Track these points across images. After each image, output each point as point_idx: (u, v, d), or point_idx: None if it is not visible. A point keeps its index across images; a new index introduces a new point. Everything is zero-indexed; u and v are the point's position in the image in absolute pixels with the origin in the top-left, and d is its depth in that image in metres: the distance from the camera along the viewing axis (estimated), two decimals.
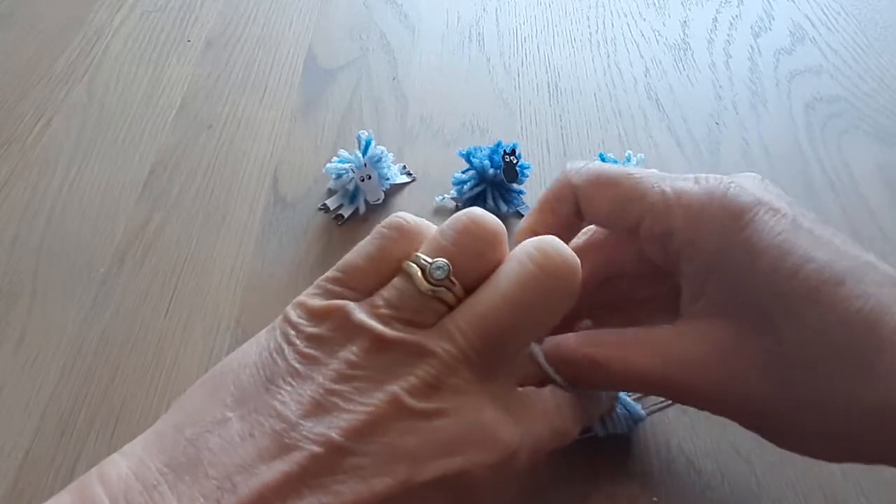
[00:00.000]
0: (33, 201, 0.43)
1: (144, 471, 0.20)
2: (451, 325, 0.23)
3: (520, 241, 0.25)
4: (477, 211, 0.24)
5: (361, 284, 0.24)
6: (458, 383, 0.22)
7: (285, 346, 0.22)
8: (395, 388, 0.21)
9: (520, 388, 0.26)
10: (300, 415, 0.21)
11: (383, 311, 0.23)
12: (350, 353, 0.22)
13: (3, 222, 0.41)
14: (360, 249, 0.25)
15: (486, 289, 0.24)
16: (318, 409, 0.21)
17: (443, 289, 0.23)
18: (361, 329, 0.22)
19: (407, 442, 0.21)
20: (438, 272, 0.23)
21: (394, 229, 0.25)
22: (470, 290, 0.24)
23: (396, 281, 0.24)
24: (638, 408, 0.32)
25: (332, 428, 0.20)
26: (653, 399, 0.33)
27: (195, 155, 0.45)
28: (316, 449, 0.20)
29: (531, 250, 0.24)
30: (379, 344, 0.22)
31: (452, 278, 0.23)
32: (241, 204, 0.43)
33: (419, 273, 0.23)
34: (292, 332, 0.23)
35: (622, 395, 0.33)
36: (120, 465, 0.20)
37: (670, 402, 0.33)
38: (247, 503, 0.19)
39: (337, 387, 0.21)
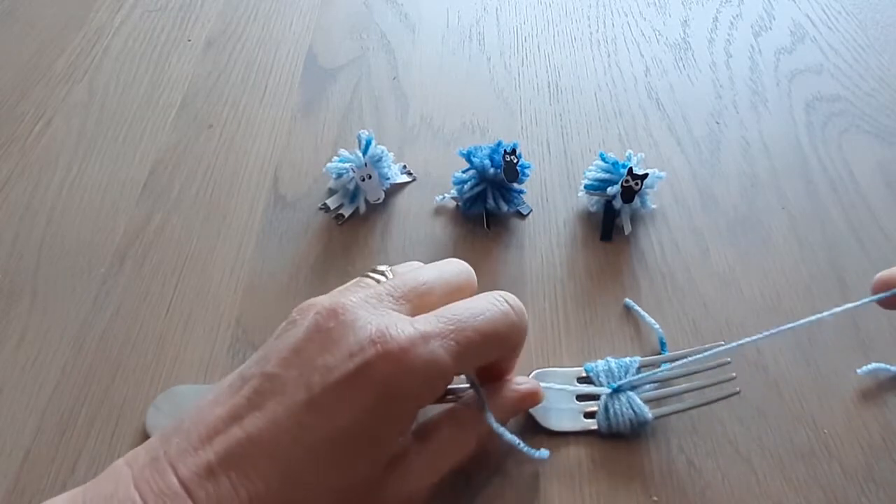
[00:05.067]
0: (33, 201, 0.43)
1: (148, 443, 0.26)
2: None
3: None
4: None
5: None
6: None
7: None
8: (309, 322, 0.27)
9: None
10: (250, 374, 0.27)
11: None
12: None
13: (3, 221, 0.41)
14: None
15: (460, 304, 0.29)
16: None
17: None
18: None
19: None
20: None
21: None
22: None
23: None
24: (645, 409, 0.32)
25: (266, 365, 0.26)
26: (663, 402, 0.33)
27: (195, 154, 0.45)
28: (254, 381, 0.26)
29: (498, 294, 0.29)
30: None
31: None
32: (241, 203, 0.43)
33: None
34: None
35: (631, 394, 0.33)
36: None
37: (679, 408, 0.33)
38: (206, 433, 0.25)
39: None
